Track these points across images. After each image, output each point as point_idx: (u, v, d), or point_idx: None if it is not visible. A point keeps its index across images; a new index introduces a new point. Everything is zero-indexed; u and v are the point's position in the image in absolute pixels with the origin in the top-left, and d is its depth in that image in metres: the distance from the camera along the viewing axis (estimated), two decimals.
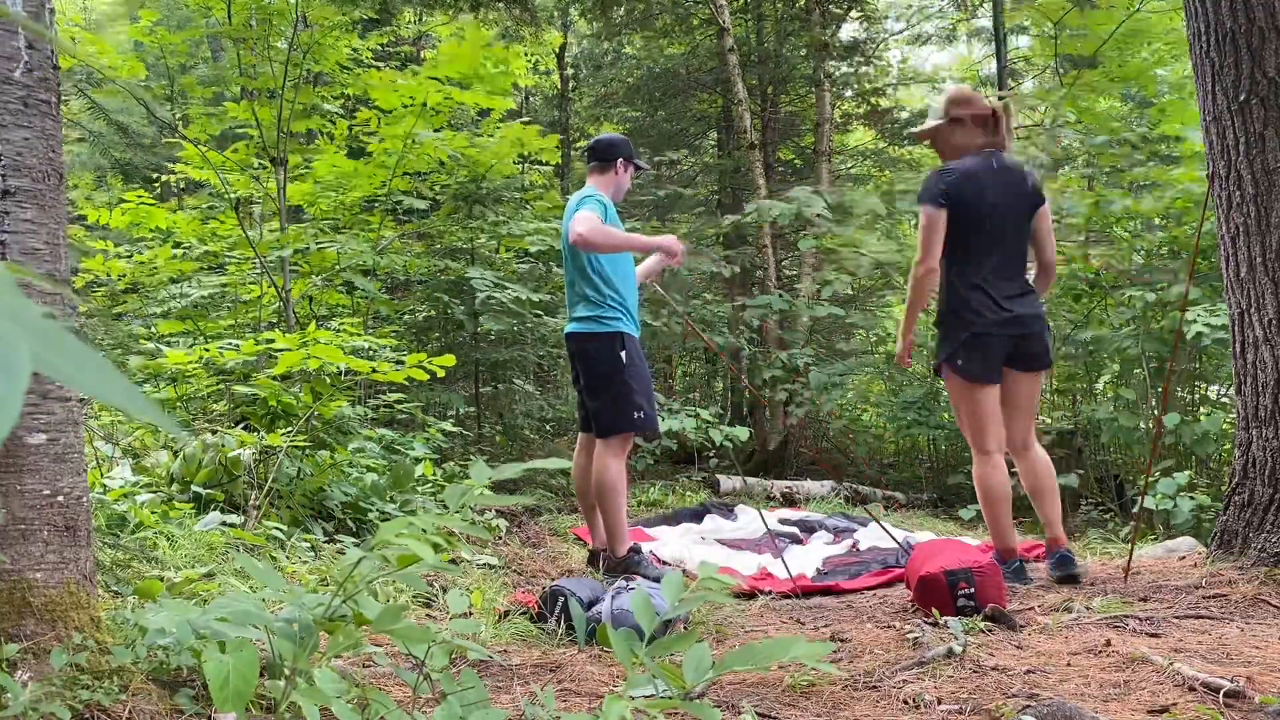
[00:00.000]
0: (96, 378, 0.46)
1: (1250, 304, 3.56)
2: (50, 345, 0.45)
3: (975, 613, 2.94)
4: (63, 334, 0.46)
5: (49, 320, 0.47)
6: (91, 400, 4.20)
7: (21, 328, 0.44)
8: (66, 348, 0.46)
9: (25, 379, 0.42)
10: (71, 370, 0.45)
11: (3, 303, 0.46)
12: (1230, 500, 3.64)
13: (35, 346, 0.44)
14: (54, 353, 0.45)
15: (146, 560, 2.81)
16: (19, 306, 0.46)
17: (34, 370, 0.43)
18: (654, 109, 11.10)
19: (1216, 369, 6.15)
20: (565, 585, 3.04)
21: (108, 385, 0.46)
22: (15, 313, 0.46)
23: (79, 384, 0.45)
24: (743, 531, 5.13)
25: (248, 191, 6.18)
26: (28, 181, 1.86)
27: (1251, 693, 2.11)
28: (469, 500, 1.45)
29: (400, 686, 2.27)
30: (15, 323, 0.45)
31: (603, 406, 3.76)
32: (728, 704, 2.22)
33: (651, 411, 3.78)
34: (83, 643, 1.79)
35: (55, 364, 0.45)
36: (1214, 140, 3.67)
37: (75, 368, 0.45)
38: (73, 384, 0.45)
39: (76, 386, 0.45)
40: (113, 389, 0.46)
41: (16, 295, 0.48)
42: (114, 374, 0.46)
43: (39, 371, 0.44)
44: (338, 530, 3.85)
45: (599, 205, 3.70)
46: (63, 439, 1.88)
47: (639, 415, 3.73)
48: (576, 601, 2.81)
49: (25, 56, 1.87)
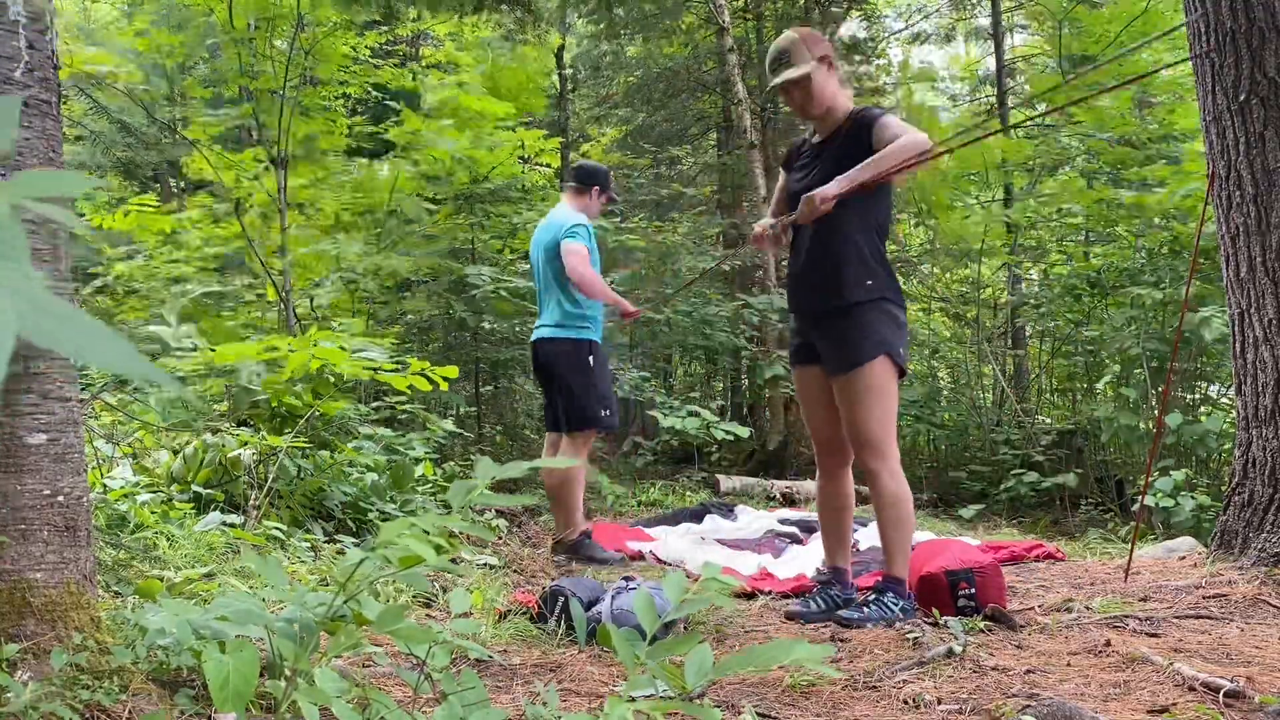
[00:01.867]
0: (91, 340, 0.43)
1: (1250, 304, 3.56)
2: (41, 309, 0.42)
3: (975, 613, 2.94)
4: (53, 298, 0.44)
5: (38, 283, 0.44)
6: (92, 400, 4.20)
7: (12, 292, 0.42)
8: (58, 311, 0.43)
9: (10, 341, 0.40)
10: (64, 333, 0.42)
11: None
12: (1230, 500, 3.64)
13: (24, 310, 0.42)
14: (45, 317, 0.42)
15: (146, 560, 2.81)
16: (10, 270, 0.44)
17: (23, 333, 0.41)
18: (654, 109, 11.10)
19: (1216, 369, 6.16)
20: (565, 585, 3.04)
21: (104, 348, 0.43)
22: (7, 276, 0.43)
23: (72, 347, 0.42)
24: (743, 532, 5.12)
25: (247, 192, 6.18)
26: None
27: (1251, 693, 2.12)
28: (472, 499, 1.45)
29: (401, 686, 2.27)
30: (5, 286, 0.42)
31: (573, 406, 4.17)
32: (728, 704, 2.22)
33: (615, 410, 4.26)
34: (83, 643, 1.79)
35: (46, 328, 0.42)
36: (1214, 140, 3.67)
37: (66, 330, 0.42)
38: (66, 348, 0.42)
39: (70, 351, 0.42)
40: (109, 352, 0.43)
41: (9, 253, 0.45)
42: (109, 335, 0.44)
43: (32, 337, 0.42)
44: (338, 530, 3.84)
45: (588, 236, 4.14)
46: (63, 439, 1.88)
47: (606, 413, 4.19)
48: (577, 601, 2.81)
49: (26, 56, 1.87)
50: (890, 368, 3.00)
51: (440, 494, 4.58)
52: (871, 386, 2.97)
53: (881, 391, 2.98)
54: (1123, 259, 6.71)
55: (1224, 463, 5.86)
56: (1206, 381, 6.47)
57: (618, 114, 11.67)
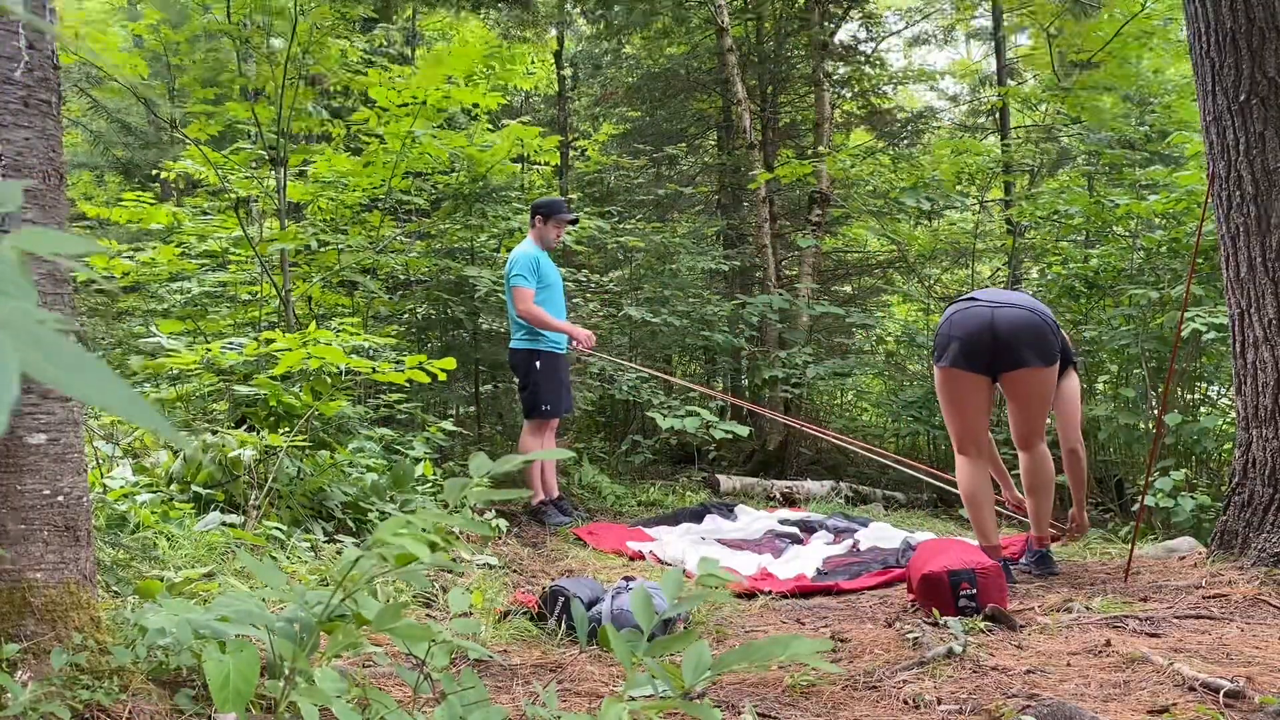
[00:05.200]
0: (95, 384, 0.43)
1: (1250, 304, 3.56)
2: (47, 351, 0.43)
3: (976, 613, 2.94)
4: (59, 340, 0.44)
5: (45, 325, 0.45)
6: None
7: (15, 334, 0.43)
8: (64, 354, 0.43)
9: (14, 390, 0.41)
10: (68, 377, 0.43)
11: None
12: (1230, 500, 3.64)
13: (30, 353, 0.42)
14: (50, 359, 0.43)
15: (146, 560, 2.81)
16: (15, 311, 0.44)
17: (28, 375, 0.41)
18: (653, 109, 11.08)
19: (1216, 369, 6.15)
20: (565, 585, 3.04)
21: (108, 392, 0.44)
22: (10, 318, 0.44)
23: (77, 391, 0.43)
24: (743, 532, 5.12)
25: (248, 192, 6.17)
26: (28, 181, 1.86)
27: (1251, 693, 2.12)
28: (467, 495, 1.44)
29: (400, 686, 2.27)
30: (9, 328, 0.43)
31: (525, 399, 5.39)
32: (728, 704, 2.22)
33: (556, 405, 5.33)
34: (83, 643, 1.79)
35: (51, 371, 0.43)
36: (1214, 140, 3.67)
37: (73, 374, 0.43)
38: (71, 391, 0.43)
39: (75, 394, 0.43)
40: (113, 396, 0.44)
41: (16, 296, 0.46)
42: (114, 380, 0.44)
43: (36, 378, 0.42)
44: (338, 530, 3.84)
45: (531, 272, 5.21)
46: (63, 439, 1.88)
47: (545, 408, 5.29)
48: (577, 601, 2.81)
49: (26, 56, 1.87)
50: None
51: (439, 494, 4.58)
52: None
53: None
54: (1120, 259, 6.71)
55: (1224, 463, 5.85)
56: (1206, 381, 6.47)
57: (616, 113, 11.64)
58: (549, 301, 5.30)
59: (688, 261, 8.30)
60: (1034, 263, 9.10)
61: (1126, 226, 6.99)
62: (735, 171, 10.21)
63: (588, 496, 6.23)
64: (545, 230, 5.36)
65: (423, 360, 3.95)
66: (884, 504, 6.83)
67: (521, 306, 5.17)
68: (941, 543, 3.51)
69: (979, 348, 3.55)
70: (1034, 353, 3.53)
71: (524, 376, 5.35)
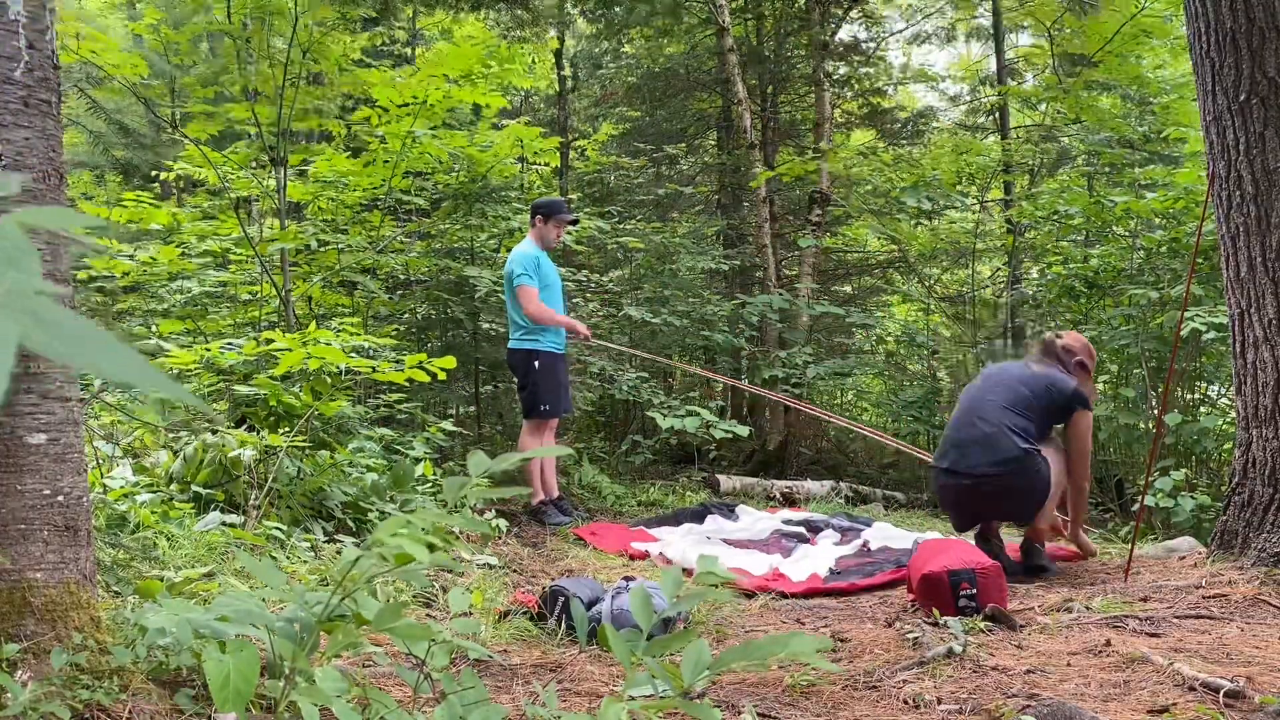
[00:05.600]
0: (97, 352, 0.41)
1: (1250, 304, 3.55)
2: (48, 324, 0.41)
3: (976, 613, 2.94)
4: (61, 310, 0.42)
5: (47, 296, 0.43)
6: (91, 400, 4.20)
7: (15, 306, 0.41)
8: (63, 323, 0.41)
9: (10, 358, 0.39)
10: (68, 346, 0.41)
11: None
12: (1230, 500, 3.64)
13: (27, 324, 0.40)
14: (49, 329, 0.41)
15: (146, 560, 2.81)
16: (17, 281, 0.43)
17: (28, 375, 0.40)
18: (653, 108, 11.07)
19: (1216, 369, 6.15)
20: (565, 585, 3.04)
21: (116, 361, 0.42)
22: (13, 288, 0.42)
23: (77, 360, 0.41)
24: (747, 532, 5.10)
25: (248, 191, 6.17)
26: (28, 181, 1.86)
27: (1251, 693, 2.11)
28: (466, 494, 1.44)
29: (400, 686, 2.27)
30: (9, 299, 0.41)
31: (524, 399, 5.41)
32: (728, 704, 2.22)
33: (555, 405, 5.34)
34: (83, 643, 1.79)
35: (50, 341, 0.40)
36: (1214, 140, 3.67)
37: (72, 344, 0.41)
38: (70, 360, 0.41)
39: (75, 363, 0.41)
40: (121, 364, 0.42)
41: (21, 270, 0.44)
42: (120, 348, 0.42)
43: (35, 351, 0.40)
44: (338, 530, 3.84)
45: (533, 271, 5.22)
46: (63, 439, 1.87)
47: (544, 408, 5.30)
48: (577, 601, 2.81)
49: (26, 56, 1.87)
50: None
51: (439, 493, 4.58)
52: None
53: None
54: (1120, 259, 6.71)
55: (1224, 463, 5.85)
56: (1206, 381, 6.46)
57: (616, 113, 11.63)
58: (549, 301, 5.36)
59: (688, 261, 8.30)
60: (1034, 262, 9.10)
61: (1126, 226, 6.99)
62: (735, 171, 10.21)
63: (588, 496, 6.23)
64: (545, 230, 5.40)
65: (423, 359, 3.95)
66: (884, 504, 6.83)
67: (531, 306, 5.20)
68: (942, 542, 3.51)
69: (962, 512, 3.99)
70: (1012, 505, 3.87)
71: (523, 376, 5.38)
